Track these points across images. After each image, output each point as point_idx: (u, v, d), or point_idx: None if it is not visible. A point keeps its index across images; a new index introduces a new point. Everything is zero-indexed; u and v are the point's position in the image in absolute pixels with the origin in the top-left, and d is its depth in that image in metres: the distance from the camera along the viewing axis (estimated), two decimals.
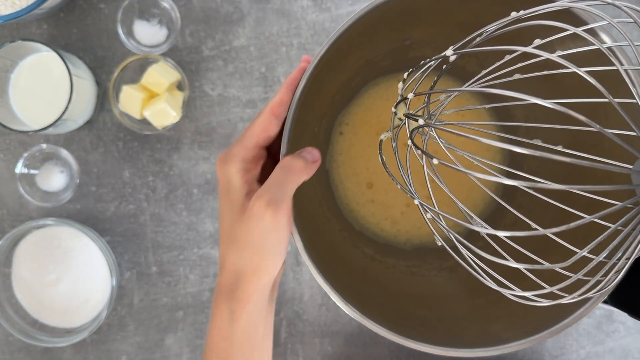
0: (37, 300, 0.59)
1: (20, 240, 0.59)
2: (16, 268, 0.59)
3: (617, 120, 0.28)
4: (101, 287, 0.60)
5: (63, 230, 0.59)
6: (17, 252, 0.59)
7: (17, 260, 0.59)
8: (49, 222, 0.57)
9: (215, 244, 0.61)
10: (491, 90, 0.28)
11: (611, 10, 0.59)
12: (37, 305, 0.60)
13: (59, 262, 0.59)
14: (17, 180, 0.58)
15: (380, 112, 0.58)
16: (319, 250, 0.44)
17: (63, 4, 0.58)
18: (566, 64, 0.26)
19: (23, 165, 0.58)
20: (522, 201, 0.55)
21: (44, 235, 0.59)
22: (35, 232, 0.59)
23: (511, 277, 0.33)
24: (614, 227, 0.27)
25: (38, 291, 0.59)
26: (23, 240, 0.59)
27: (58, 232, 0.59)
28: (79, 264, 0.59)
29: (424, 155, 0.32)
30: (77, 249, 0.59)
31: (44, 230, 0.59)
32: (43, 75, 0.56)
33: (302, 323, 0.62)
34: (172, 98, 0.57)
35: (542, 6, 0.30)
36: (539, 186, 0.26)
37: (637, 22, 0.27)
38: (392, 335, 0.42)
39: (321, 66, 0.41)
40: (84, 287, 0.59)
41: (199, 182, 0.61)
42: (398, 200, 0.58)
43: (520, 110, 0.56)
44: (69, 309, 0.59)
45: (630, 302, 0.42)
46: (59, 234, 0.59)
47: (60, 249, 0.59)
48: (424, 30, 0.50)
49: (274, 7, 0.60)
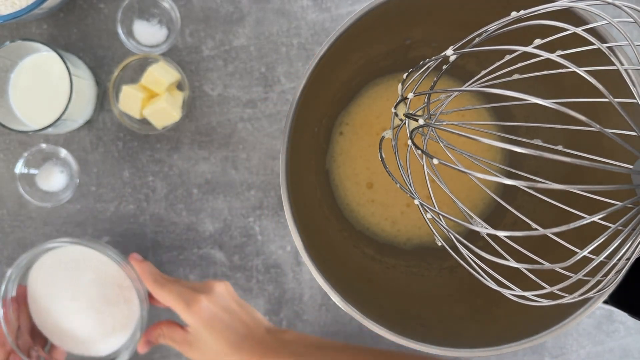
0: (58, 329, 0.54)
1: (34, 263, 0.54)
2: (32, 293, 0.54)
3: (617, 120, 0.28)
4: (128, 314, 0.55)
5: (84, 251, 0.54)
6: (32, 276, 0.54)
7: (33, 284, 0.54)
8: (68, 242, 0.53)
9: (215, 244, 0.61)
10: (491, 90, 0.28)
11: (611, 10, 0.59)
12: (58, 334, 0.54)
13: (78, 286, 0.54)
14: (17, 180, 0.58)
15: (380, 112, 0.58)
16: (319, 250, 0.44)
17: (63, 4, 0.58)
18: (566, 63, 0.26)
19: (23, 165, 0.58)
20: (522, 201, 0.55)
21: (62, 255, 0.54)
22: (51, 253, 0.54)
23: (511, 277, 0.33)
24: (614, 227, 0.27)
25: (58, 319, 0.54)
26: (38, 263, 0.54)
27: (77, 253, 0.54)
28: (104, 292, 0.54)
29: (424, 155, 0.32)
30: (100, 272, 0.54)
31: (61, 252, 0.54)
32: (43, 75, 0.56)
33: (302, 323, 0.62)
34: (172, 98, 0.57)
35: (542, 6, 0.30)
36: (539, 186, 0.26)
37: (637, 22, 0.27)
38: (392, 335, 0.42)
39: (321, 66, 0.41)
40: (109, 314, 0.54)
41: (198, 182, 0.61)
42: (398, 200, 0.58)
43: (521, 110, 0.56)
44: (93, 338, 0.55)
45: (630, 302, 0.42)
46: (78, 254, 0.54)
47: (79, 271, 0.54)
48: (424, 30, 0.50)
49: (274, 7, 0.60)
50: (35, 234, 0.61)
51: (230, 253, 0.61)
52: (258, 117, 0.60)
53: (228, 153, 0.61)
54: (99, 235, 0.61)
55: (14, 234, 0.61)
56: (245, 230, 0.61)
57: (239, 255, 0.61)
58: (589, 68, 0.28)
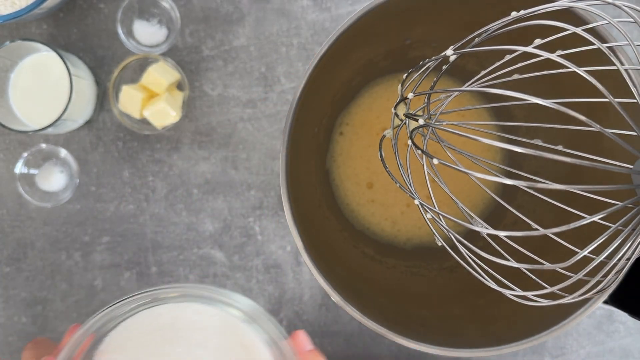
0: None
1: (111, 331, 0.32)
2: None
3: (617, 120, 0.28)
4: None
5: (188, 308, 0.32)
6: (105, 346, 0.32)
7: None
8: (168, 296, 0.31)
9: (215, 244, 0.61)
10: (491, 90, 0.28)
11: (612, 10, 0.59)
12: None
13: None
14: (17, 180, 0.58)
15: (380, 112, 0.58)
16: (319, 250, 0.44)
17: (63, 4, 0.58)
18: (566, 63, 0.26)
19: (23, 165, 0.58)
20: (522, 201, 0.55)
21: (155, 319, 0.32)
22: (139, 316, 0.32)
23: (511, 278, 0.33)
24: (614, 227, 0.27)
25: None
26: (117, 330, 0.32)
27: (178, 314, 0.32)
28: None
29: (424, 155, 0.32)
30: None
31: (155, 312, 0.32)
32: (43, 75, 0.56)
33: (302, 323, 0.62)
34: (172, 98, 0.57)
35: (543, 6, 0.30)
36: (539, 186, 0.26)
37: (637, 22, 0.27)
38: (392, 335, 0.42)
39: (321, 66, 0.41)
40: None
41: (198, 182, 0.61)
42: (398, 200, 0.58)
43: (521, 110, 0.56)
44: None
45: (630, 302, 0.42)
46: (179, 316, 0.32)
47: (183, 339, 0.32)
48: (424, 30, 0.50)
49: (274, 7, 0.60)
50: (35, 234, 0.61)
51: (230, 253, 0.61)
52: (258, 117, 0.60)
53: (228, 153, 0.60)
54: (99, 235, 0.61)
55: (14, 234, 0.61)
56: (245, 230, 0.61)
57: (239, 255, 0.61)
58: (589, 68, 0.28)
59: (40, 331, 0.61)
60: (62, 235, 0.61)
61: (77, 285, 0.61)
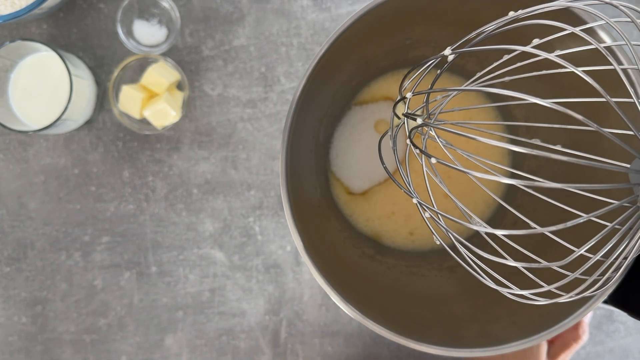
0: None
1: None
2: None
3: (616, 119, 0.28)
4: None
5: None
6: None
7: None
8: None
9: (215, 244, 0.61)
10: (490, 90, 0.28)
11: (610, 10, 0.59)
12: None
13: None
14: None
15: (380, 112, 0.58)
16: (319, 250, 0.44)
17: (63, 4, 0.58)
18: (564, 63, 0.26)
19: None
20: (522, 201, 0.55)
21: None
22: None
23: (511, 278, 0.33)
24: (611, 226, 0.27)
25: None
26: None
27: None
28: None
29: (422, 154, 0.32)
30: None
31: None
32: (43, 75, 0.56)
33: (302, 323, 0.62)
34: (171, 98, 0.57)
35: (541, 5, 0.30)
36: (537, 185, 0.26)
37: (634, 22, 0.27)
38: (392, 335, 0.42)
39: (321, 66, 0.41)
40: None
41: (198, 182, 0.61)
42: (399, 200, 0.58)
43: (520, 109, 0.56)
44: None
45: (630, 302, 0.42)
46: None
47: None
48: (424, 30, 0.50)
49: (273, 7, 0.60)
50: (35, 234, 0.61)
51: (230, 253, 0.61)
52: (258, 117, 0.60)
53: (228, 153, 0.61)
54: (99, 235, 0.61)
55: (14, 233, 0.61)
56: (245, 230, 0.61)
57: (239, 255, 0.61)
58: (587, 68, 0.28)
59: (40, 331, 0.61)
60: (62, 235, 0.61)
61: (77, 285, 0.61)
